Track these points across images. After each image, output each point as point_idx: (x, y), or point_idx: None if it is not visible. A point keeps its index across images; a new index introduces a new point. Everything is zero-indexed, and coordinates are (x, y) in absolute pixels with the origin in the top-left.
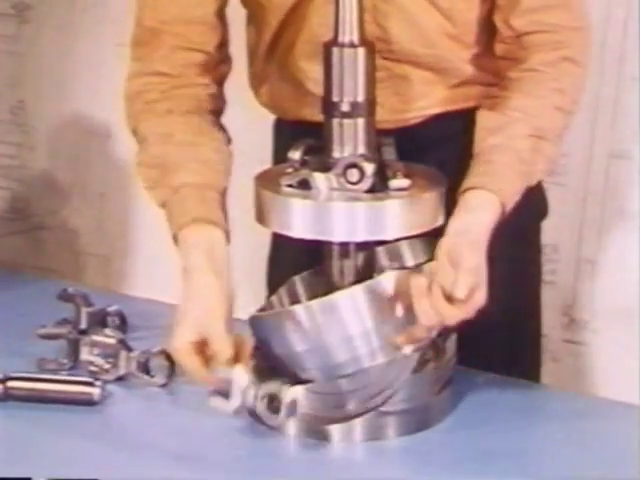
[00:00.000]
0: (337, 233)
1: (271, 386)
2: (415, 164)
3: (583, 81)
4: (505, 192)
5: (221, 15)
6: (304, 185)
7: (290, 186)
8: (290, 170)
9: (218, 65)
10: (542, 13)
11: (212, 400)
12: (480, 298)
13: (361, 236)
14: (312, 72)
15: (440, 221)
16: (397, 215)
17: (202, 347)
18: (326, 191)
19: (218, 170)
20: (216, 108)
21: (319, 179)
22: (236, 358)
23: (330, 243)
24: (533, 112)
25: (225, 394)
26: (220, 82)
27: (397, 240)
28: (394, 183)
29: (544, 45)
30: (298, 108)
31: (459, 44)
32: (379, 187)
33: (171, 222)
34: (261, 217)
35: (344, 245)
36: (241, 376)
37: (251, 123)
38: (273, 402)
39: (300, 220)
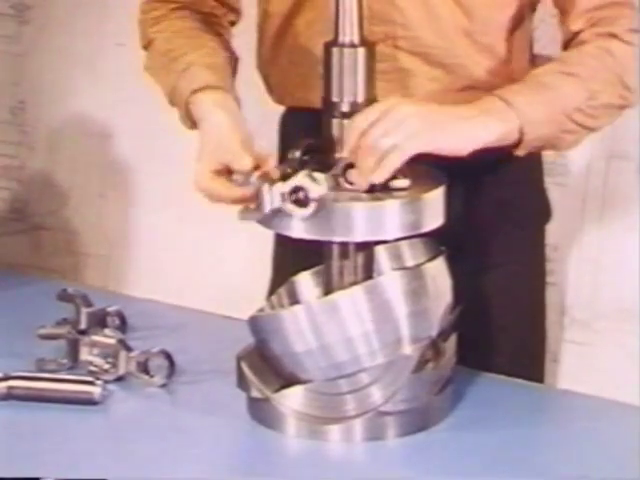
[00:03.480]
0: (337, 233)
1: (296, 179)
2: (415, 164)
3: (630, 56)
4: (515, 102)
5: None
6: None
7: None
8: (289, 170)
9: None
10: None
11: (242, 215)
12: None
13: (361, 236)
14: None
15: (440, 221)
16: (397, 215)
17: (224, 173)
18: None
19: (226, 58)
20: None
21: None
22: (259, 171)
23: (330, 243)
24: (566, 57)
25: (252, 210)
26: (227, 28)
27: (397, 240)
28: (394, 183)
29: (601, 21)
30: (306, 94)
31: (474, 45)
32: (379, 187)
33: (182, 95)
34: (260, 218)
35: (344, 245)
36: (264, 179)
37: (255, 120)
38: (300, 195)
39: (299, 220)
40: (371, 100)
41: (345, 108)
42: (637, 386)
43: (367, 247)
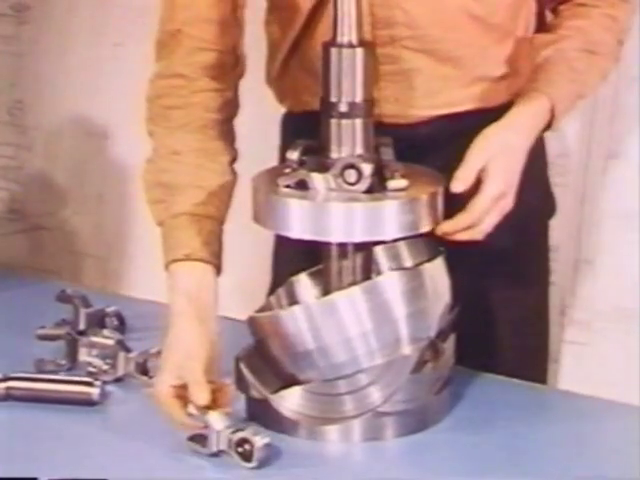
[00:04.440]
0: (335, 234)
1: (245, 432)
2: (413, 165)
3: (631, 14)
4: (555, 96)
5: (237, 15)
6: (302, 186)
7: (288, 187)
8: (288, 170)
9: (234, 66)
10: None
11: (189, 444)
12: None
13: (359, 237)
14: None
15: (439, 222)
16: (395, 216)
17: (183, 392)
18: (324, 192)
19: (220, 199)
20: (230, 115)
21: (317, 179)
22: (215, 403)
23: (328, 244)
24: (584, 30)
25: (203, 439)
26: (235, 84)
27: (396, 240)
28: (392, 184)
29: None
30: (317, 99)
31: (483, 26)
32: (377, 188)
33: (165, 249)
34: (259, 218)
35: (342, 246)
36: (216, 421)
37: (254, 122)
38: (245, 447)
39: (298, 221)
40: (369, 101)
41: (343, 108)
42: (637, 386)
43: (365, 248)
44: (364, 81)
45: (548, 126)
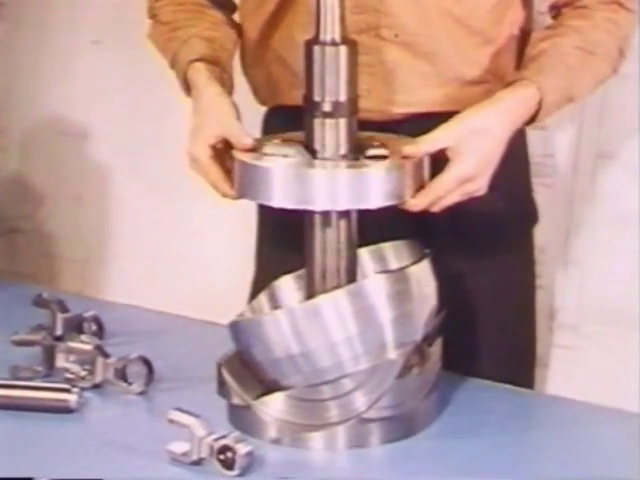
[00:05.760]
0: (319, 201)
1: (227, 439)
2: (390, 135)
3: (633, 25)
4: (544, 86)
5: None
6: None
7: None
8: (271, 142)
9: None
10: None
11: (169, 452)
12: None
13: (344, 204)
14: None
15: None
16: (380, 182)
17: (222, 151)
18: (306, 160)
19: (226, 33)
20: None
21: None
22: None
23: (312, 215)
24: (584, 29)
25: (184, 453)
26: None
27: (381, 242)
28: (372, 152)
29: None
30: (291, 91)
31: (461, 27)
32: (356, 156)
33: (181, 63)
34: (241, 189)
35: (326, 217)
36: (197, 428)
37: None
38: (227, 454)
39: (280, 189)
40: (353, 100)
41: (327, 108)
42: (628, 391)
43: (348, 218)
44: (348, 79)
45: (532, 119)
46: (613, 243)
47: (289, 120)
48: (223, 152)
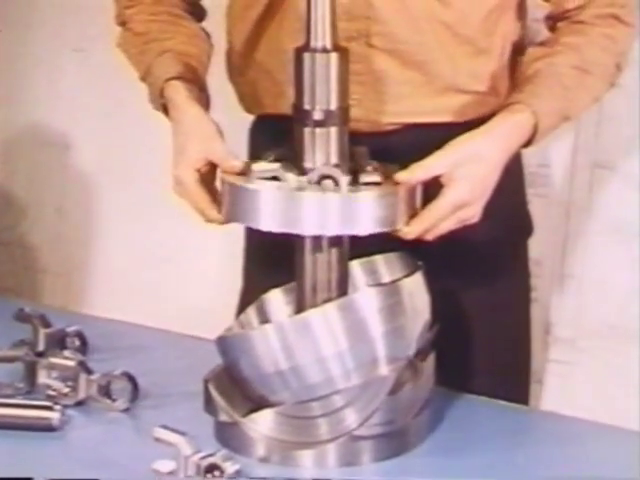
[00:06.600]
0: (308, 226)
1: (214, 457)
2: (385, 163)
3: (631, 40)
4: (540, 109)
5: None
6: (274, 179)
7: (259, 178)
8: (259, 162)
9: None
10: None
11: (154, 472)
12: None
13: (333, 230)
14: None
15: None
16: (372, 209)
17: (207, 175)
18: (296, 184)
19: (201, 47)
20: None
21: (289, 175)
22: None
23: (302, 240)
24: (580, 48)
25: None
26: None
27: (372, 254)
28: (365, 178)
29: (596, 1)
30: (277, 100)
31: (452, 35)
32: (350, 182)
33: (156, 79)
34: (229, 212)
35: (316, 242)
36: (184, 446)
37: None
38: (215, 473)
39: (269, 212)
40: (344, 108)
41: (317, 116)
42: (624, 407)
43: (340, 244)
44: (339, 87)
45: (528, 142)
46: (610, 255)
47: (276, 130)
48: (209, 175)
